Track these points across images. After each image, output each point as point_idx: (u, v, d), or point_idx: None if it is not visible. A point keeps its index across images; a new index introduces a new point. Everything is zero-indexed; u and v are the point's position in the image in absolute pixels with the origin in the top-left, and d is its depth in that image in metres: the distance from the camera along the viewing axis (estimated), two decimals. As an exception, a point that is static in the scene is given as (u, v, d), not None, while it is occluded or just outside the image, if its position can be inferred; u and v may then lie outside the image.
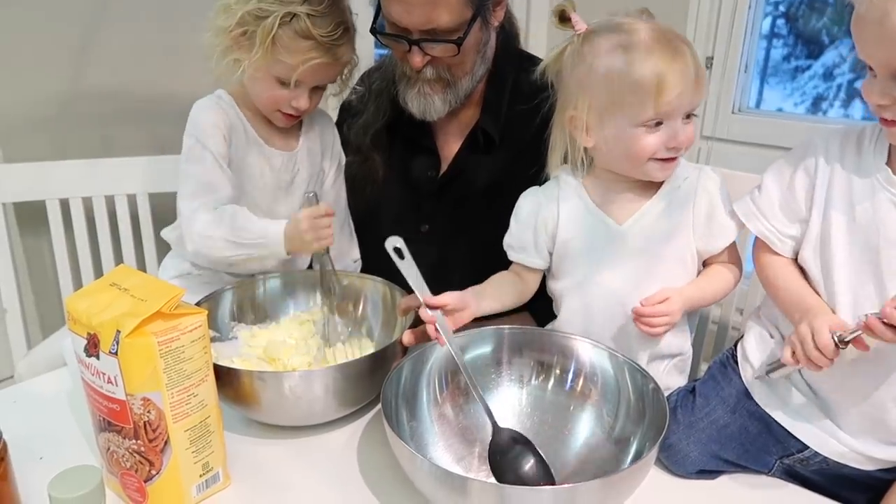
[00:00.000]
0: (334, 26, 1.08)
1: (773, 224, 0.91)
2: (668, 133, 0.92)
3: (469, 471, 0.91)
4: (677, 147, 0.93)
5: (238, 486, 0.90)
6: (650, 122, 0.91)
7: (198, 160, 1.13)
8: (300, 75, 1.09)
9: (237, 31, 1.08)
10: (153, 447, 0.82)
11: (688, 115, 0.93)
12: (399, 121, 1.28)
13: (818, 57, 2.00)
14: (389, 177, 1.31)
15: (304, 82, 1.12)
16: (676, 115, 0.91)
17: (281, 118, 1.17)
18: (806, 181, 0.89)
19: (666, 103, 0.89)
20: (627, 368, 0.91)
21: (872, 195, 0.82)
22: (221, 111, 1.16)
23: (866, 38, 0.76)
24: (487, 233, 1.20)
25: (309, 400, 0.95)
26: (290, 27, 1.06)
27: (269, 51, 1.07)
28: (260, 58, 1.08)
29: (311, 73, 1.10)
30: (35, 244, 1.58)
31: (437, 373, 0.96)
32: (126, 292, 0.82)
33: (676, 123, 0.92)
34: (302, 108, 1.14)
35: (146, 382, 0.79)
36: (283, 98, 1.13)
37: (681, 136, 0.92)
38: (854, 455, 0.87)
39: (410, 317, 1.07)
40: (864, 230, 0.82)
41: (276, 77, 1.11)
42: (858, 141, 0.86)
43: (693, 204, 0.97)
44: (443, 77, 1.17)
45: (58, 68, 1.56)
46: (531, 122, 1.23)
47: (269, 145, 1.20)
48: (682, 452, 0.92)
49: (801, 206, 0.89)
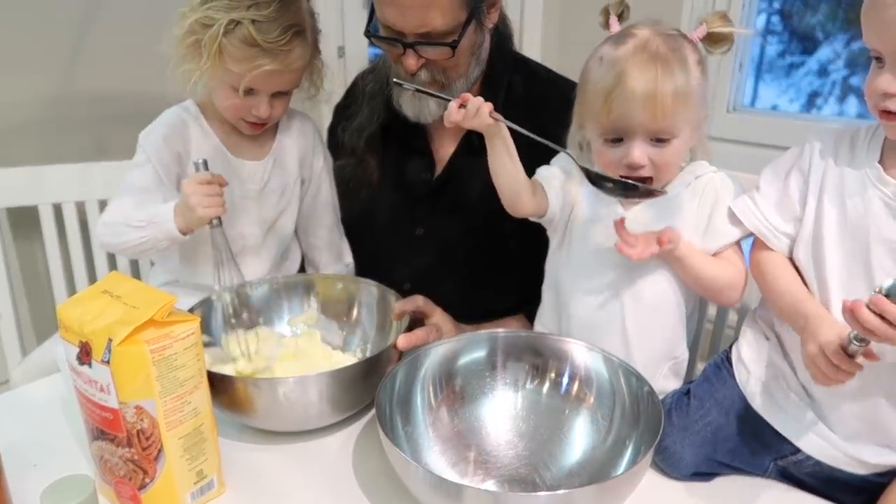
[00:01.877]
0: (281, 31, 1.05)
1: (768, 221, 0.91)
2: (625, 150, 0.91)
3: (464, 476, 0.91)
4: (630, 166, 0.91)
5: (233, 492, 0.90)
6: (608, 137, 0.91)
7: (138, 166, 1.14)
8: (250, 83, 1.07)
9: (188, 41, 1.07)
10: (147, 455, 0.81)
11: (658, 139, 0.90)
12: (393, 123, 1.27)
13: (813, 53, 2.00)
14: (384, 180, 1.31)
15: (259, 90, 1.09)
16: (633, 134, 0.90)
17: (246, 126, 1.15)
18: (800, 179, 0.89)
19: (612, 120, 0.89)
20: (622, 372, 0.91)
21: (864, 193, 0.82)
22: (180, 121, 1.15)
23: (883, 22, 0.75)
24: (482, 236, 1.20)
25: (303, 405, 0.94)
26: (235, 35, 1.04)
27: (217, 59, 1.05)
28: (209, 67, 1.06)
29: (263, 81, 1.08)
30: (28, 249, 1.58)
31: (431, 378, 0.96)
32: (118, 300, 0.82)
33: (635, 142, 0.90)
34: (263, 116, 1.12)
35: (139, 390, 0.78)
36: (242, 106, 1.11)
37: (633, 156, 0.90)
38: (847, 459, 0.87)
39: (405, 321, 1.07)
40: (856, 228, 0.83)
41: (230, 86, 1.09)
42: (852, 140, 0.87)
43: (699, 202, 0.96)
44: (437, 80, 1.16)
45: (49, 71, 1.56)
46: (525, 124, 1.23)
47: (237, 155, 1.18)
48: (677, 455, 0.92)
49: (796, 205, 0.89)
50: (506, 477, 0.91)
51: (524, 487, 0.90)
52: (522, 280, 1.14)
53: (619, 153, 0.92)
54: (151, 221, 1.06)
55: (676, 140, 0.91)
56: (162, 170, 1.13)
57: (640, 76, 0.86)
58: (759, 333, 0.96)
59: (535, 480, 0.90)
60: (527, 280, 1.13)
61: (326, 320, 1.16)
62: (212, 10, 1.04)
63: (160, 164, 1.13)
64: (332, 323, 1.17)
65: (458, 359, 0.97)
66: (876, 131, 0.85)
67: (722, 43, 0.92)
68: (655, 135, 0.90)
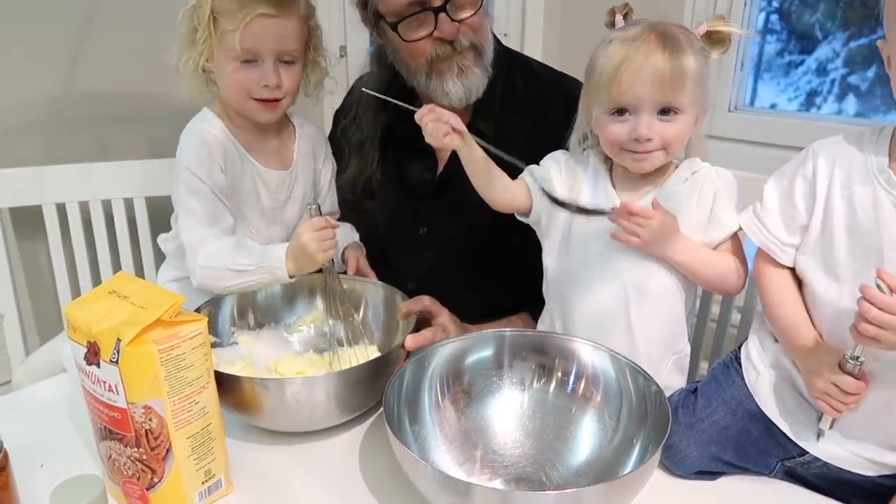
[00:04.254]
0: None
1: (774, 234, 0.91)
2: (633, 124, 0.93)
3: (472, 474, 0.91)
4: (638, 139, 0.93)
5: (240, 492, 0.90)
6: (613, 111, 0.93)
7: (195, 192, 1.10)
8: (248, 40, 1.05)
9: (187, 27, 1.07)
10: (155, 455, 0.81)
11: (665, 111, 0.92)
12: (394, 124, 1.27)
13: (812, 52, 2.00)
14: (386, 180, 1.31)
15: (261, 51, 1.07)
16: (641, 107, 0.92)
17: (257, 108, 1.11)
18: (805, 187, 0.89)
19: (622, 93, 0.91)
20: (629, 370, 0.91)
21: (874, 197, 0.82)
22: (212, 137, 1.12)
23: None
24: (485, 234, 1.20)
25: (311, 406, 0.95)
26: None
27: (214, 28, 1.05)
28: (206, 40, 1.06)
29: (260, 32, 1.05)
30: (32, 249, 1.58)
31: (438, 377, 0.96)
32: (126, 300, 0.82)
33: (642, 116, 0.92)
34: (272, 84, 1.09)
35: (147, 390, 0.79)
36: (250, 79, 1.08)
37: (641, 128, 0.92)
38: (855, 459, 0.87)
39: (412, 321, 1.07)
40: (866, 233, 0.82)
41: (232, 58, 1.07)
42: (857, 145, 0.86)
43: (699, 196, 0.97)
44: (474, 44, 1.16)
45: (52, 71, 1.56)
46: (524, 122, 1.23)
47: (264, 166, 1.17)
48: (683, 453, 0.92)
49: (802, 213, 0.89)
50: (513, 476, 0.91)
51: (531, 486, 0.90)
52: (527, 277, 1.15)
53: (626, 127, 0.93)
54: (260, 266, 1.06)
55: (683, 115, 0.92)
56: (218, 190, 1.11)
57: (650, 51, 0.89)
58: (768, 335, 0.96)
59: (541, 479, 0.91)
60: (531, 277, 1.13)
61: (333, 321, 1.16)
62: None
63: (216, 186, 1.11)
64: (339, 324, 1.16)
65: (465, 358, 0.97)
66: (881, 133, 0.85)
67: (721, 44, 0.94)
68: (662, 106, 0.92)
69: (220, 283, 1.09)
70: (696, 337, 1.28)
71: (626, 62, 0.90)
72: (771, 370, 0.93)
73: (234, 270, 1.07)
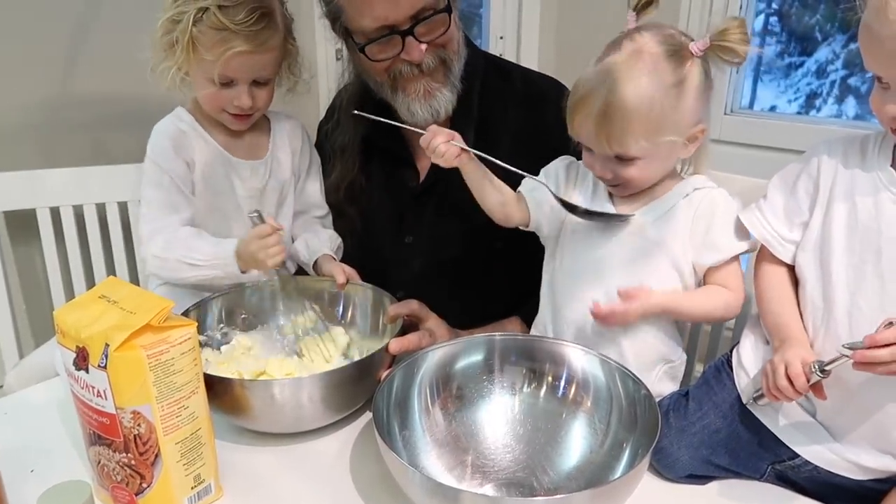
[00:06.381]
0: (248, 12, 1.07)
1: (775, 228, 0.91)
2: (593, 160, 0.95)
3: (462, 479, 0.91)
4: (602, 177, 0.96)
5: (230, 496, 0.90)
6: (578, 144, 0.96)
7: (156, 184, 1.15)
8: (225, 69, 1.09)
9: (164, 40, 1.10)
10: (144, 460, 0.81)
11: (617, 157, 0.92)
12: (373, 135, 1.26)
13: (811, 54, 2.00)
14: (370, 190, 1.30)
15: (236, 78, 1.11)
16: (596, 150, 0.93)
17: (230, 119, 1.17)
18: (808, 183, 0.90)
19: (576, 133, 0.94)
20: (619, 375, 0.91)
21: (875, 195, 0.83)
22: (179, 132, 1.16)
23: (879, 54, 0.76)
24: (470, 240, 1.20)
25: (298, 407, 0.95)
26: (204, 23, 1.07)
27: (192, 51, 1.08)
28: (184, 60, 1.09)
29: (238, 67, 1.10)
30: (26, 253, 1.58)
31: (428, 381, 0.96)
32: (115, 305, 0.82)
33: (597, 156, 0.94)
34: (245, 106, 1.14)
35: (136, 396, 0.79)
36: (224, 98, 1.13)
37: (596, 169, 0.96)
38: (845, 464, 0.87)
39: (398, 323, 1.07)
40: (866, 230, 0.83)
41: (208, 78, 1.10)
42: (862, 146, 0.87)
43: (694, 214, 0.96)
44: (443, 59, 1.16)
45: (47, 75, 1.55)
46: (507, 125, 1.23)
47: (236, 156, 1.20)
48: (673, 456, 0.92)
49: (804, 209, 0.90)
50: (503, 481, 0.91)
51: (522, 491, 0.90)
52: (514, 283, 1.14)
53: (590, 161, 0.96)
54: (213, 261, 1.10)
55: (642, 160, 0.92)
56: (180, 181, 1.15)
57: (607, 94, 0.88)
58: (760, 338, 0.96)
59: (532, 484, 0.90)
60: (519, 283, 1.13)
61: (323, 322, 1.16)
62: (181, 5, 1.08)
63: (178, 177, 1.15)
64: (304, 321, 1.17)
65: (455, 362, 0.97)
66: (886, 136, 0.86)
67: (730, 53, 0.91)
68: (613, 154, 0.92)
69: (174, 274, 1.13)
70: (690, 341, 1.28)
71: (581, 104, 0.91)
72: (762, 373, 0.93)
73: (185, 263, 1.10)
